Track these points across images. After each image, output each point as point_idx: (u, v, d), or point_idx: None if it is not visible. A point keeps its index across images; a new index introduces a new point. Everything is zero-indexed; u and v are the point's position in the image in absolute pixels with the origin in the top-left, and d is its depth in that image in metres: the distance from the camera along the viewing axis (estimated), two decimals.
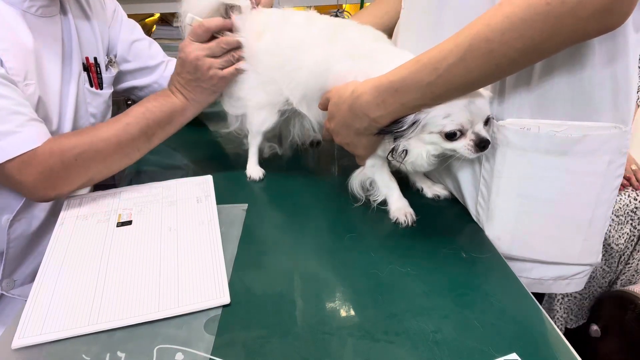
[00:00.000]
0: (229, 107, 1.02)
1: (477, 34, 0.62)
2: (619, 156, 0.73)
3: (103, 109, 1.11)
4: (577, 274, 0.82)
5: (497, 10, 0.60)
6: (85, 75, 1.05)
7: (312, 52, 0.87)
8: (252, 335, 0.61)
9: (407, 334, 0.61)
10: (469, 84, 0.68)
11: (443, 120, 0.72)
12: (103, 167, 0.90)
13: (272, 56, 0.91)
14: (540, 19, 0.57)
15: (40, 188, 0.85)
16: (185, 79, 0.93)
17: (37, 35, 0.90)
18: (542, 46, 0.61)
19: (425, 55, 0.67)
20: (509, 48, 0.61)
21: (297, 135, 1.04)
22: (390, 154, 0.78)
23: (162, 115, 0.93)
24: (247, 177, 1.00)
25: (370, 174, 0.87)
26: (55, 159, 0.84)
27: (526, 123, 0.73)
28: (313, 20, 0.93)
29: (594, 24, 0.57)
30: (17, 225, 0.96)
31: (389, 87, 0.71)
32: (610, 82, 0.69)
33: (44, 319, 0.63)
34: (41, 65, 0.91)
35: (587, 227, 0.77)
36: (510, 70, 0.67)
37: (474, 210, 0.84)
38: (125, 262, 0.73)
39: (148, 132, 0.93)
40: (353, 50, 0.83)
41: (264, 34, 0.92)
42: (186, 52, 0.91)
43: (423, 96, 0.69)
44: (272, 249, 0.81)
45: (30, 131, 0.82)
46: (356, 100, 0.75)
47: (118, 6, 1.17)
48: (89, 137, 0.88)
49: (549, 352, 0.59)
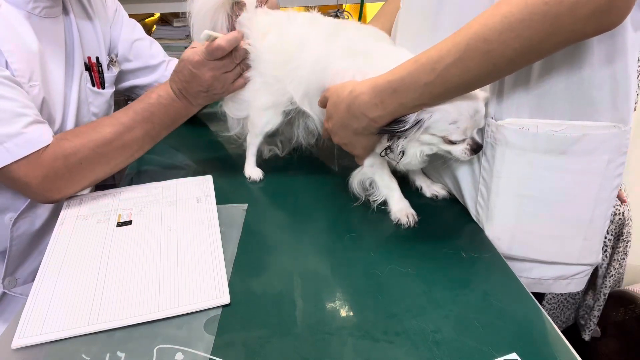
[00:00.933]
0: (232, 110, 1.02)
1: (474, 34, 0.62)
2: (619, 155, 0.73)
3: (105, 109, 1.11)
4: (577, 273, 0.82)
5: (495, 10, 0.60)
6: (87, 74, 1.05)
7: (313, 49, 0.88)
8: (252, 335, 0.61)
9: (407, 334, 0.61)
10: (467, 83, 0.68)
11: (449, 125, 0.73)
12: (107, 168, 0.92)
13: (276, 55, 0.91)
14: (538, 19, 0.57)
15: (46, 190, 0.86)
16: (196, 90, 0.93)
17: (41, 36, 0.90)
18: (540, 46, 0.60)
19: (424, 55, 0.68)
20: (507, 48, 0.61)
21: (302, 137, 1.04)
22: (384, 152, 0.78)
23: (167, 118, 0.95)
24: (247, 178, 1.00)
25: (370, 173, 0.88)
26: (60, 162, 0.84)
27: (525, 123, 0.73)
28: (317, 20, 0.94)
29: (592, 24, 0.57)
30: (21, 224, 0.96)
31: (388, 87, 0.71)
32: (610, 81, 0.69)
33: (44, 319, 0.63)
34: (45, 66, 0.92)
35: (586, 226, 0.77)
36: (509, 70, 0.67)
37: (474, 210, 0.84)
38: (125, 262, 0.73)
39: (152, 134, 0.94)
40: (352, 48, 0.84)
41: (268, 35, 0.92)
42: (201, 72, 0.90)
43: (421, 96, 0.69)
44: (272, 249, 0.81)
45: (35, 133, 0.83)
46: (354, 100, 0.75)
47: (119, 5, 1.18)
48: (93, 142, 0.88)
49: (549, 352, 0.59)
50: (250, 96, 0.97)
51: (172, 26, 1.88)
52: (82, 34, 1.03)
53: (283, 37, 0.92)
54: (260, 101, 0.96)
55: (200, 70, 0.90)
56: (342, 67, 0.83)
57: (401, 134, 0.74)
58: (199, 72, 0.91)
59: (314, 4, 1.97)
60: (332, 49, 0.86)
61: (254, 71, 0.94)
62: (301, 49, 0.89)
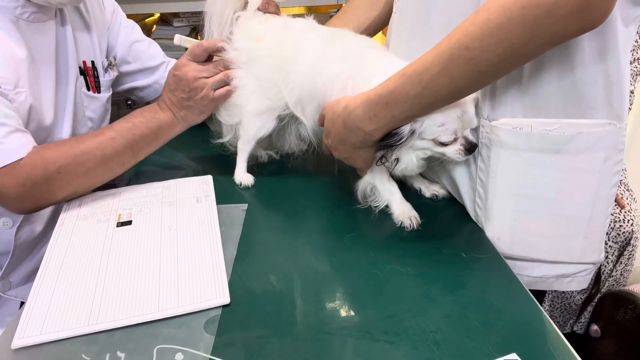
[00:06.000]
0: (225, 117, 1.00)
1: (456, 43, 0.62)
2: (616, 153, 0.73)
3: (101, 113, 1.11)
4: (579, 272, 0.81)
5: (475, 18, 0.61)
6: (82, 79, 1.04)
7: (308, 53, 0.88)
8: (252, 335, 0.61)
9: (407, 334, 0.61)
10: (455, 92, 0.68)
11: (438, 128, 0.74)
12: (86, 180, 0.89)
13: (273, 58, 0.91)
14: (518, 23, 0.57)
15: (21, 200, 0.84)
16: (178, 97, 0.92)
17: (29, 41, 0.90)
18: (523, 50, 0.60)
19: (410, 67, 0.68)
20: (490, 54, 0.61)
21: (294, 144, 1.04)
22: (380, 162, 0.79)
23: (148, 131, 0.93)
24: (238, 185, 0.98)
25: (370, 179, 0.88)
26: (38, 171, 0.83)
27: (519, 122, 0.73)
28: (313, 27, 0.94)
29: (572, 24, 0.57)
30: (22, 233, 0.96)
31: (379, 102, 0.72)
32: (603, 78, 0.69)
33: (44, 319, 0.63)
34: (34, 71, 0.91)
35: (586, 224, 0.77)
36: (496, 75, 0.67)
37: (473, 211, 0.84)
38: (125, 262, 0.73)
39: (134, 147, 0.92)
40: (345, 53, 0.85)
41: (264, 38, 0.92)
42: (183, 71, 0.91)
43: (412, 107, 0.70)
44: (272, 248, 0.81)
45: (14, 143, 0.81)
46: (349, 115, 0.76)
47: (117, 7, 1.17)
48: (73, 150, 0.87)
49: (549, 352, 0.59)
50: (243, 100, 0.95)
51: (172, 26, 1.88)
52: (76, 38, 1.02)
53: (281, 41, 0.92)
54: (254, 105, 0.95)
55: (181, 70, 0.91)
56: (334, 71, 0.84)
57: (399, 147, 0.75)
58: (181, 73, 0.91)
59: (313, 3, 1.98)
60: (327, 52, 0.86)
61: (247, 75, 0.93)
62: (297, 54, 0.89)
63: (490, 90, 0.74)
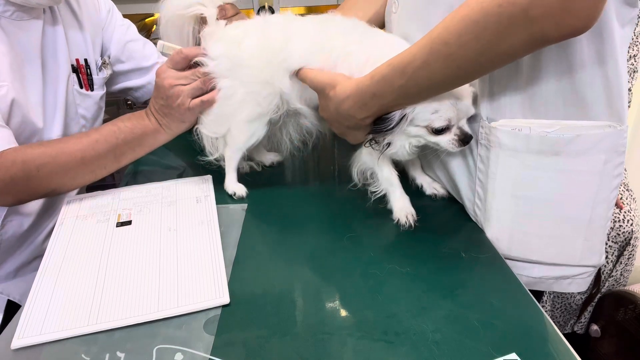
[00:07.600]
0: (211, 127, 0.94)
1: (437, 37, 0.63)
2: (616, 155, 0.72)
3: (94, 111, 1.10)
4: (579, 274, 0.81)
5: (455, 14, 0.61)
6: (74, 76, 1.04)
7: (303, 37, 0.86)
8: (251, 335, 0.61)
9: (407, 334, 0.61)
10: (437, 85, 0.69)
11: (431, 115, 0.75)
12: (66, 179, 0.89)
13: (259, 57, 0.88)
14: (494, 20, 0.58)
15: (1, 193, 0.85)
16: (159, 104, 0.92)
17: (13, 38, 0.90)
18: (500, 48, 0.60)
19: (396, 58, 0.69)
20: (467, 50, 0.61)
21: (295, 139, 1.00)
22: (369, 144, 0.80)
23: (132, 137, 0.92)
24: (232, 195, 0.95)
25: (370, 163, 0.87)
26: (17, 168, 0.83)
27: (518, 124, 0.73)
28: (296, 17, 0.91)
29: (549, 25, 0.56)
30: (9, 227, 0.96)
31: (367, 91, 0.73)
32: (602, 79, 0.68)
33: (44, 319, 0.63)
34: (19, 67, 0.91)
35: (585, 227, 0.76)
36: (477, 72, 0.67)
37: (472, 211, 0.84)
38: (125, 263, 0.73)
39: (116, 152, 0.91)
40: (344, 28, 0.84)
41: (245, 40, 0.89)
42: (161, 78, 0.90)
43: (398, 97, 0.72)
44: (272, 248, 0.81)
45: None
46: (340, 104, 0.77)
47: (113, 7, 1.17)
48: (54, 150, 0.87)
49: (549, 352, 0.59)
50: (232, 110, 0.92)
51: None
52: (69, 36, 1.02)
53: (264, 38, 0.88)
54: (245, 113, 0.91)
55: (160, 76, 0.90)
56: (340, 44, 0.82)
57: (390, 131, 0.76)
58: (159, 79, 0.90)
59: (313, 3, 1.98)
60: (324, 30, 0.85)
61: (233, 82, 0.90)
62: (288, 42, 0.86)
63: (489, 91, 0.74)
